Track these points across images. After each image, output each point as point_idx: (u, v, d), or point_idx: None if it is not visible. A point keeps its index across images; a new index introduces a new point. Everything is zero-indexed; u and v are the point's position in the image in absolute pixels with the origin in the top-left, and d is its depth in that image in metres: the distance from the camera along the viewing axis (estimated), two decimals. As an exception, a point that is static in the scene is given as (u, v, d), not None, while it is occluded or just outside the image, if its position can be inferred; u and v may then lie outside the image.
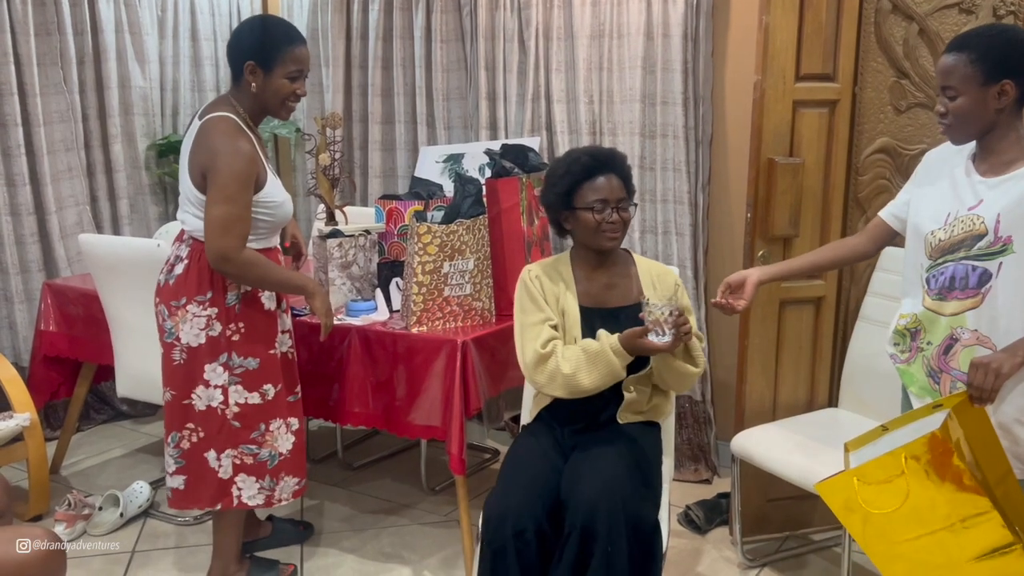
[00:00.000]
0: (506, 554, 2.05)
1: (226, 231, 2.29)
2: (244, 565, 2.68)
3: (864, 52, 2.77)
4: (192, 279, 2.41)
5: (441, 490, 3.34)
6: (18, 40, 3.54)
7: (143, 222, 4.14)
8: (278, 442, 2.53)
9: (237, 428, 2.47)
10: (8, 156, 3.58)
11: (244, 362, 2.44)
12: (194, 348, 2.42)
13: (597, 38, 3.41)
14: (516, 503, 2.09)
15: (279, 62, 2.36)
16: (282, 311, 2.56)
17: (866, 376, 2.82)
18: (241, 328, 2.43)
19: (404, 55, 3.87)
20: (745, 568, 2.82)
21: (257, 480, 2.52)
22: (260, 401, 2.48)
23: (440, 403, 2.62)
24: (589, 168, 2.28)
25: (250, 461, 2.50)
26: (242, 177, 2.30)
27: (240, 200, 2.31)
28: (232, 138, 2.32)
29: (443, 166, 3.48)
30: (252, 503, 2.53)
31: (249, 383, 2.46)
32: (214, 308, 2.40)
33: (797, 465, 2.54)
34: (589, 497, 2.02)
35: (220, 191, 2.29)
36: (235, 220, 2.30)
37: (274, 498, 2.56)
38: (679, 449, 3.43)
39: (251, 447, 2.50)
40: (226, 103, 2.41)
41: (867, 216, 2.87)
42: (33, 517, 3.09)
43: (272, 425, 2.51)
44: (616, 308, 2.33)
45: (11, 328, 3.70)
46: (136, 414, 4.04)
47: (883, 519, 1.74)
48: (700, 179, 3.35)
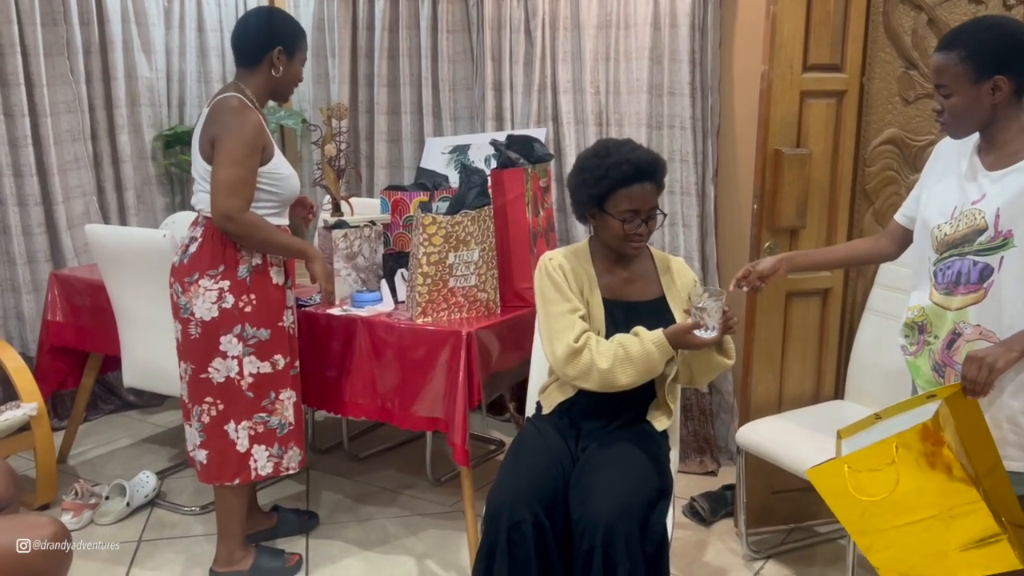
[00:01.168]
0: (502, 545, 2.05)
1: (232, 192, 2.38)
2: (250, 551, 2.71)
3: (872, 42, 2.75)
4: (205, 255, 2.49)
5: (446, 481, 3.34)
6: (24, 30, 3.54)
7: (150, 213, 4.14)
8: (288, 411, 2.62)
9: (251, 398, 2.55)
10: (15, 147, 3.59)
11: (257, 332, 2.52)
12: (207, 322, 2.48)
13: (604, 28, 3.39)
14: (513, 496, 2.08)
15: (300, 49, 2.57)
16: (288, 287, 2.62)
17: (873, 368, 2.81)
18: (253, 300, 2.50)
19: (410, 45, 3.86)
20: (750, 560, 2.82)
21: (267, 448, 2.60)
22: (271, 370, 2.56)
23: (444, 394, 2.62)
24: (629, 177, 2.18)
25: (262, 430, 2.58)
26: (249, 142, 2.40)
27: (246, 164, 2.40)
28: (240, 110, 2.43)
29: (449, 157, 3.48)
30: (264, 472, 2.61)
31: (261, 353, 2.54)
32: (226, 281, 2.48)
33: (802, 457, 2.52)
34: (608, 520, 1.98)
35: (227, 155, 2.39)
36: (241, 183, 2.39)
37: (282, 466, 2.64)
38: (684, 441, 3.42)
39: (263, 415, 2.58)
40: (233, 87, 2.51)
41: (874, 208, 2.86)
42: (40, 506, 3.10)
43: (282, 394, 2.60)
44: (636, 302, 2.29)
45: (19, 318, 3.71)
46: (143, 404, 4.06)
47: (872, 506, 1.76)
48: (708, 170, 3.33)
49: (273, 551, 2.78)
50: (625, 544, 1.96)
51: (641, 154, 2.22)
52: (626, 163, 2.18)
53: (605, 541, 1.97)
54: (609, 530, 1.97)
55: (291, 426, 2.64)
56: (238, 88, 2.50)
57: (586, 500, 2.05)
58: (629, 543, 1.97)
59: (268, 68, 2.51)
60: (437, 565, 2.80)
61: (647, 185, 2.20)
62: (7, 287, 3.69)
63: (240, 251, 2.49)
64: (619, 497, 2.03)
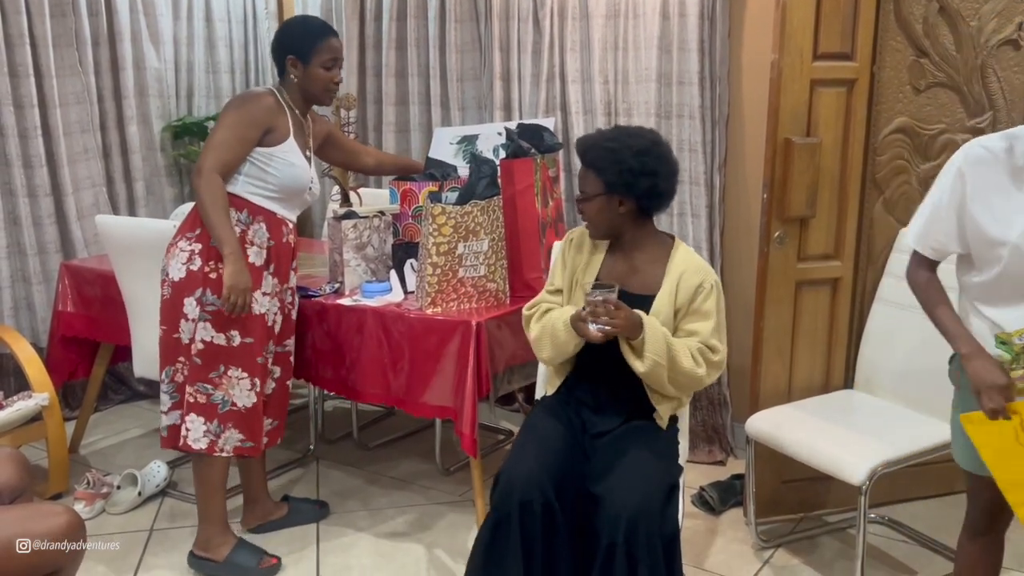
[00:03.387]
0: (510, 522, 2.06)
1: (211, 148, 2.49)
2: (229, 540, 2.69)
3: (883, 30, 2.74)
4: (190, 218, 2.59)
5: (456, 470, 3.35)
6: (33, 21, 3.54)
7: (159, 203, 4.15)
8: (234, 390, 2.57)
9: (198, 365, 2.54)
10: (25, 138, 3.60)
11: (216, 301, 2.51)
12: (176, 282, 2.54)
13: (612, 17, 3.38)
14: (525, 474, 2.09)
15: (315, 53, 2.60)
16: (269, 273, 2.61)
17: (883, 357, 2.81)
18: (220, 268, 2.50)
19: (418, 35, 3.85)
20: (759, 549, 2.82)
21: (206, 422, 2.56)
22: (225, 344, 2.54)
23: (453, 384, 2.63)
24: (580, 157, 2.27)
25: (203, 400, 2.56)
26: (248, 114, 2.53)
27: (235, 130, 2.51)
28: (256, 93, 2.63)
29: (457, 147, 3.47)
30: (196, 446, 2.57)
31: (217, 323, 2.53)
32: (199, 244, 2.53)
33: (812, 447, 2.53)
34: (631, 515, 1.98)
35: (222, 120, 2.55)
36: (222, 144, 2.49)
37: (216, 446, 2.58)
38: (693, 431, 3.43)
39: (206, 386, 2.55)
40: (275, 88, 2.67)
41: (884, 197, 2.85)
42: (53, 496, 3.12)
43: (232, 371, 2.56)
44: (627, 293, 2.21)
45: (29, 309, 3.73)
46: (153, 394, 4.06)
47: None
48: (716, 160, 3.33)
49: (252, 548, 2.72)
50: (646, 539, 1.97)
51: (587, 138, 2.27)
52: (581, 143, 2.27)
53: (628, 537, 1.97)
54: (632, 526, 1.97)
55: (235, 408, 2.57)
56: (278, 87, 2.66)
57: (607, 494, 2.05)
58: (650, 538, 1.98)
59: (292, 76, 2.64)
60: (446, 554, 2.82)
61: (588, 171, 2.23)
62: (18, 278, 3.70)
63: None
64: (639, 491, 2.03)
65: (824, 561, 2.76)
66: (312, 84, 2.63)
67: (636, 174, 2.16)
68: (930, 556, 2.77)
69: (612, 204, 2.20)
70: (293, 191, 2.64)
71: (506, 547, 2.07)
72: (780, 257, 2.79)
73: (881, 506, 2.98)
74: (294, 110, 2.65)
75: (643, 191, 2.19)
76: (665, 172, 2.20)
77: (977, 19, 2.73)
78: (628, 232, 2.26)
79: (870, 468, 2.38)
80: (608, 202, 2.20)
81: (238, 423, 2.60)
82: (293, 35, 2.68)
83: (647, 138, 2.22)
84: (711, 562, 2.76)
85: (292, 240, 2.70)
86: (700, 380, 2.20)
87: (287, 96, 2.65)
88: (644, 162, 2.16)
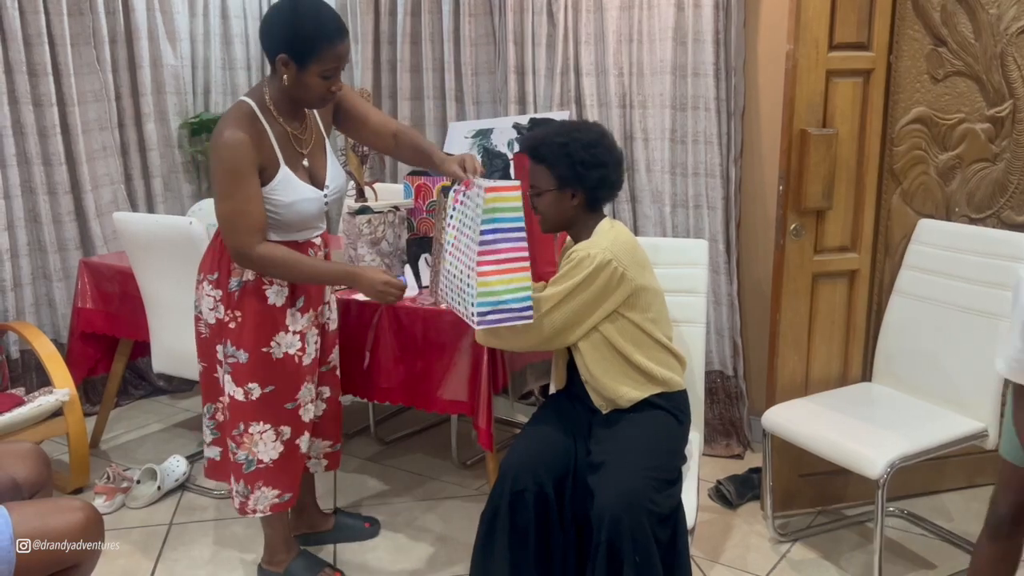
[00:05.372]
0: (500, 513, 2.09)
1: (232, 228, 2.20)
2: (292, 552, 2.63)
3: (900, 19, 2.71)
4: (208, 257, 2.40)
5: (472, 464, 3.36)
6: (52, 21, 3.57)
7: (177, 200, 4.18)
8: (258, 447, 2.38)
9: (226, 420, 2.42)
10: (44, 136, 3.63)
11: (236, 353, 2.34)
12: (211, 325, 2.40)
13: (627, 9, 3.36)
14: (519, 465, 2.12)
15: (315, 59, 2.16)
16: (296, 309, 2.39)
17: (901, 350, 2.78)
18: (238, 317, 2.33)
19: (432, 30, 3.85)
20: (776, 543, 2.81)
21: (235, 481, 2.42)
22: (243, 399, 2.35)
23: (468, 379, 2.63)
24: None
25: (231, 458, 2.41)
26: (231, 170, 2.16)
27: (236, 194, 2.17)
28: (229, 128, 2.17)
29: (472, 141, 3.47)
30: (233, 504, 2.46)
31: (236, 376, 2.35)
32: (219, 290, 2.35)
33: (829, 440, 2.51)
34: (613, 513, 1.98)
35: (216, 188, 2.22)
36: (237, 215, 2.19)
37: (247, 507, 2.43)
38: (710, 424, 3.41)
39: (231, 444, 2.40)
40: (258, 89, 2.29)
41: (902, 188, 2.82)
42: (73, 490, 3.16)
43: (252, 428, 2.37)
44: None
45: (50, 305, 3.77)
46: (172, 389, 4.11)
47: None
48: (732, 152, 3.30)
49: (313, 561, 2.65)
50: (631, 536, 1.96)
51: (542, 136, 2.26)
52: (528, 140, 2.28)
53: (610, 536, 1.97)
54: (614, 524, 1.97)
55: (262, 464, 2.39)
56: (259, 92, 2.27)
57: (596, 488, 2.06)
58: (636, 534, 1.96)
59: (281, 75, 2.20)
60: (463, 548, 2.82)
61: (539, 166, 2.24)
62: (39, 275, 3.74)
63: (233, 261, 2.30)
64: (625, 485, 2.02)
65: (842, 555, 2.74)
66: (304, 92, 2.22)
67: (588, 166, 2.19)
68: (949, 549, 2.75)
69: (564, 197, 2.23)
70: (305, 220, 2.36)
71: (497, 538, 2.10)
72: (797, 249, 2.77)
73: (899, 499, 2.96)
74: (277, 120, 2.26)
75: (594, 182, 2.22)
76: (613, 162, 2.24)
77: (996, 6, 2.70)
78: (578, 223, 2.28)
79: (888, 461, 2.36)
80: (560, 196, 2.23)
81: (268, 480, 2.42)
82: (296, 29, 2.15)
83: (594, 131, 2.26)
84: (728, 556, 2.75)
85: (322, 256, 2.50)
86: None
87: (270, 99, 2.24)
88: (594, 154, 2.20)
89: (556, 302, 2.16)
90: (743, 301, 3.41)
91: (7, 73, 3.51)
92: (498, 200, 2.06)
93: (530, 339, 2.20)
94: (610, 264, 2.14)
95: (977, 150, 2.82)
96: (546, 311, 2.16)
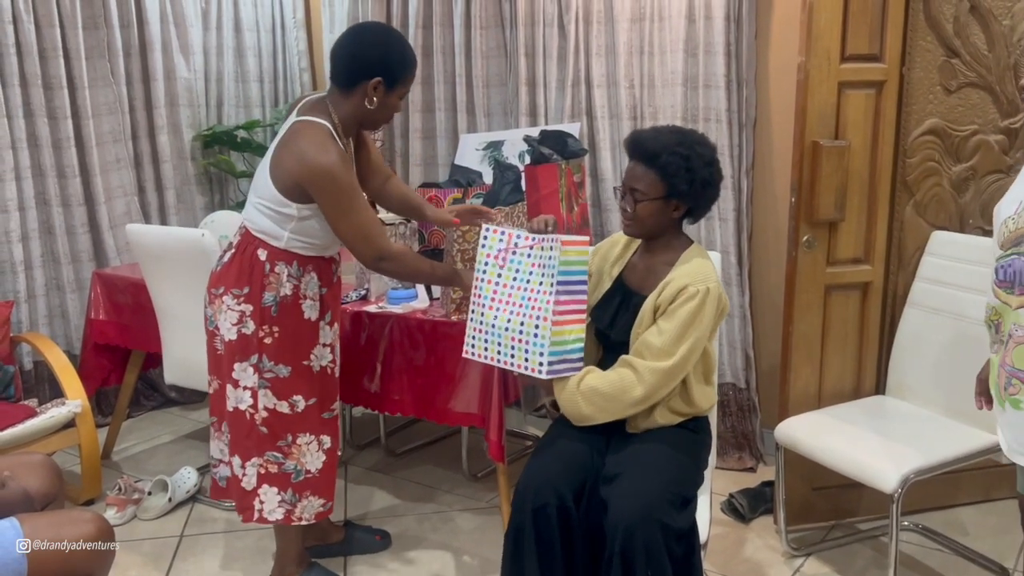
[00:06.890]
0: (526, 530, 2.06)
1: (365, 238, 2.28)
2: (304, 563, 2.62)
3: (912, 31, 2.70)
4: (233, 270, 2.36)
5: (483, 476, 3.35)
6: (67, 34, 3.60)
7: (190, 212, 4.20)
8: (306, 458, 2.44)
9: (264, 434, 2.40)
10: (58, 148, 3.66)
11: (275, 368, 2.36)
12: (228, 343, 2.37)
13: (638, 21, 3.37)
14: (539, 480, 2.08)
15: (404, 82, 2.32)
16: (326, 323, 2.45)
17: (914, 362, 2.76)
18: (275, 332, 2.35)
19: (444, 42, 3.86)
20: (790, 557, 2.79)
21: (279, 492, 2.43)
22: (288, 411, 2.40)
23: (479, 390, 2.62)
24: (628, 150, 2.24)
25: (275, 470, 2.42)
26: (345, 187, 2.23)
27: (356, 206, 2.25)
28: (322, 150, 2.21)
29: (483, 153, 3.48)
30: (271, 518, 2.44)
31: (279, 390, 2.38)
32: (249, 305, 2.33)
33: (843, 453, 2.50)
34: (628, 525, 1.95)
35: (334, 208, 2.24)
36: (366, 224, 2.27)
37: (294, 515, 2.46)
38: (722, 437, 3.39)
39: (277, 455, 2.42)
40: (323, 109, 2.30)
41: (915, 199, 2.81)
42: (85, 501, 3.16)
43: (300, 439, 2.43)
44: (635, 292, 2.23)
45: (63, 316, 3.78)
46: (184, 400, 4.12)
47: None
48: (744, 163, 3.30)
49: (324, 574, 2.65)
50: (645, 549, 1.94)
51: (641, 132, 2.24)
52: (647, 144, 2.18)
53: (623, 547, 1.94)
54: (628, 535, 1.94)
55: (310, 474, 2.45)
56: (326, 111, 2.28)
57: (611, 500, 2.03)
58: (650, 548, 1.94)
59: (362, 98, 2.27)
60: (474, 560, 2.81)
61: (636, 165, 2.19)
62: (52, 286, 3.76)
63: (268, 276, 2.32)
64: (640, 499, 1.99)
65: (856, 569, 2.72)
66: (383, 113, 2.33)
67: (706, 184, 2.16)
68: (965, 564, 2.72)
69: (668, 208, 2.18)
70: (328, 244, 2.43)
71: (525, 555, 2.07)
72: (809, 261, 2.76)
73: (914, 513, 2.93)
74: (342, 140, 2.31)
75: (706, 201, 2.21)
76: (719, 182, 2.23)
77: (1010, 17, 2.69)
78: (667, 235, 2.24)
79: (902, 475, 2.34)
80: (665, 206, 2.17)
81: (315, 489, 2.47)
82: (391, 56, 2.27)
83: (710, 147, 2.20)
84: (740, 570, 2.73)
85: (339, 271, 2.55)
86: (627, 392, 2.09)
87: (339, 120, 2.29)
88: (712, 173, 2.17)
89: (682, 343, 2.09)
90: (755, 313, 3.40)
91: (22, 86, 3.54)
92: (571, 253, 2.09)
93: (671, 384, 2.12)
94: (721, 296, 2.16)
95: (991, 162, 2.80)
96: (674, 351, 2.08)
